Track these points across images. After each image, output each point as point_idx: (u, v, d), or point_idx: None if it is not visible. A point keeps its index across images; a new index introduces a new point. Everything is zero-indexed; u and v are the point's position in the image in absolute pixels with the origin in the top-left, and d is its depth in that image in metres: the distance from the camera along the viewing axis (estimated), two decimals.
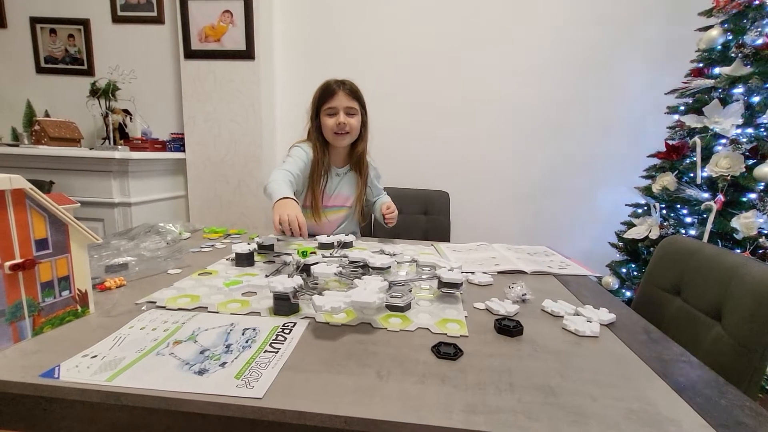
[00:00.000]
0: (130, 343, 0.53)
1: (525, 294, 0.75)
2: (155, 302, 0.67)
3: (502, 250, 1.13)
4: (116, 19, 1.97)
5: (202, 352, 0.51)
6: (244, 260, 0.88)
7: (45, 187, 1.57)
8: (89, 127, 2.00)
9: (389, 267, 0.77)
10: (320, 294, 0.61)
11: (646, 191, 1.63)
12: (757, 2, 1.34)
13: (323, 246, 1.06)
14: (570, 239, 2.04)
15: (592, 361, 0.54)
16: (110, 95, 1.78)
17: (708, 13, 1.49)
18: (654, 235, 1.52)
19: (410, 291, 0.68)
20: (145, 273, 0.81)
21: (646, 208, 1.65)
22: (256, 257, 0.94)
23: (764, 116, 1.31)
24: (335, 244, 1.08)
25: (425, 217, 1.81)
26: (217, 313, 0.64)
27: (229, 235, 1.21)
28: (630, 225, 1.67)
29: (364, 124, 1.27)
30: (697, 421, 0.42)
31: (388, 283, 0.66)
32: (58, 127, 1.76)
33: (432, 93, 1.99)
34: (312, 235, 1.12)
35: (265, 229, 1.99)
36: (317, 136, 1.24)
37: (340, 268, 0.73)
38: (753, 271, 0.67)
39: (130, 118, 1.91)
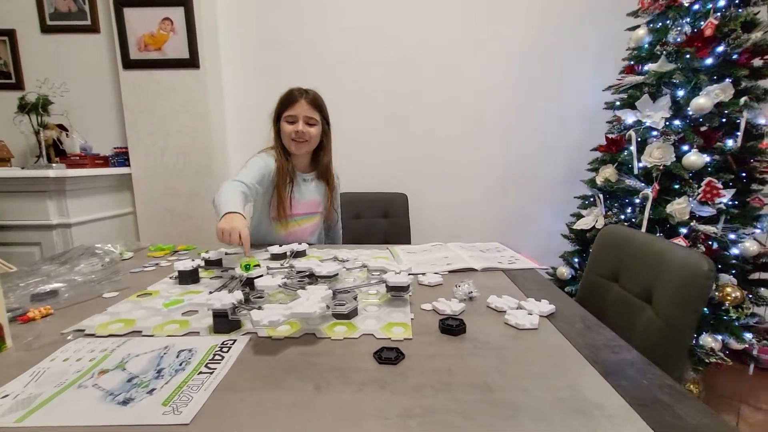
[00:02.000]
0: (50, 378, 0.49)
1: (471, 292, 0.76)
2: (83, 330, 0.62)
3: (455, 249, 1.15)
4: (45, 29, 1.84)
5: (129, 380, 0.48)
6: (187, 278, 0.84)
7: None
8: (21, 145, 1.86)
9: (337, 275, 0.77)
10: (261, 308, 0.59)
11: (591, 183, 1.71)
12: (676, 3, 1.45)
13: (275, 257, 1.04)
14: (527, 233, 2.11)
15: (529, 353, 0.55)
16: (41, 110, 1.66)
17: (635, 14, 1.60)
18: (600, 224, 1.60)
19: (355, 298, 0.68)
20: (77, 299, 0.76)
21: (592, 199, 1.74)
22: (203, 273, 0.90)
23: (689, 109, 1.41)
24: (288, 254, 1.05)
25: (385, 220, 1.82)
26: (152, 336, 0.60)
27: (177, 251, 1.16)
28: (579, 216, 1.75)
29: (326, 134, 1.27)
30: (620, 402, 0.44)
31: (332, 291, 0.65)
32: None
33: (386, 96, 2.00)
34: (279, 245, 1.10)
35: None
36: (278, 141, 1.24)
37: (285, 280, 0.71)
38: (677, 255, 0.72)
39: (66, 134, 1.79)
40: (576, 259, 1.76)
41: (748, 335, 1.38)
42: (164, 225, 1.90)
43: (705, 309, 1.41)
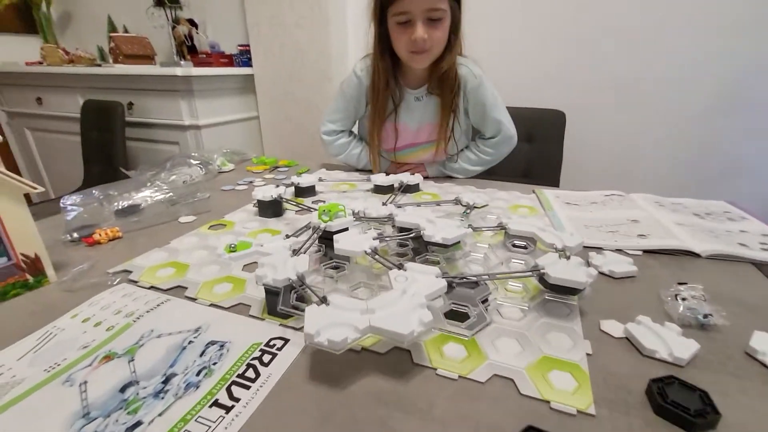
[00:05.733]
0: (52, 350, 0.37)
1: (708, 315, 0.40)
2: (131, 272, 0.50)
3: (648, 206, 0.73)
4: None
5: (123, 389, 0.32)
6: (267, 209, 0.67)
7: (119, 109, 1.55)
8: (165, 44, 1.91)
9: (458, 243, 0.48)
10: (326, 300, 0.36)
11: None
12: None
13: (379, 189, 0.80)
14: (746, 189, 1.42)
15: None
16: (173, 2, 1.61)
17: None
18: None
19: (485, 301, 0.39)
20: (154, 220, 0.66)
21: None
22: (290, 204, 0.72)
23: None
24: (395, 186, 0.80)
25: (529, 145, 1.38)
26: (194, 300, 0.44)
27: (278, 167, 1.02)
28: None
29: (454, 26, 0.80)
30: None
31: (445, 282, 0.38)
32: (130, 44, 1.69)
33: None
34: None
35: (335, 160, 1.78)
36: (381, 48, 0.83)
37: (377, 242, 0.46)
38: None
39: (196, 30, 1.75)
40: None
41: None
42: (284, 133, 1.83)
43: None
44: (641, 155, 1.49)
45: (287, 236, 0.57)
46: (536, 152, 1.37)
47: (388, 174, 0.85)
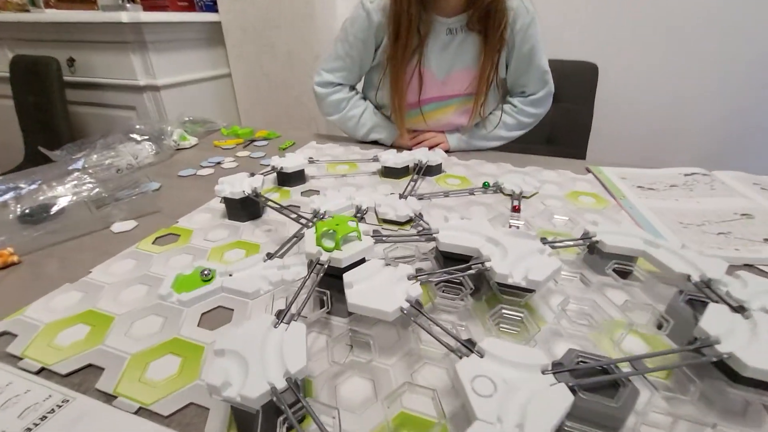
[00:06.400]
0: None
1: None
2: (16, 336, 0.31)
3: (748, 190, 0.56)
4: None
5: None
6: (239, 210, 0.47)
7: (53, 65, 1.26)
8: None
9: (542, 282, 0.30)
10: None
11: None
12: None
13: (390, 172, 0.60)
14: None
15: None
16: None
17: None
18: None
19: (630, 403, 0.22)
20: (73, 231, 0.46)
21: None
22: (271, 203, 0.52)
23: None
24: (410, 168, 0.61)
25: (554, 104, 1.18)
26: (112, 400, 0.26)
27: (254, 141, 0.80)
28: None
29: None
30: None
31: (570, 393, 0.20)
32: None
33: None
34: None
35: (328, 126, 1.55)
36: None
37: (416, 285, 0.28)
38: None
39: None
40: None
41: None
42: (261, 93, 1.57)
43: None
44: (685, 115, 1.30)
45: (268, 256, 0.39)
46: (562, 112, 1.16)
47: (399, 149, 0.65)
